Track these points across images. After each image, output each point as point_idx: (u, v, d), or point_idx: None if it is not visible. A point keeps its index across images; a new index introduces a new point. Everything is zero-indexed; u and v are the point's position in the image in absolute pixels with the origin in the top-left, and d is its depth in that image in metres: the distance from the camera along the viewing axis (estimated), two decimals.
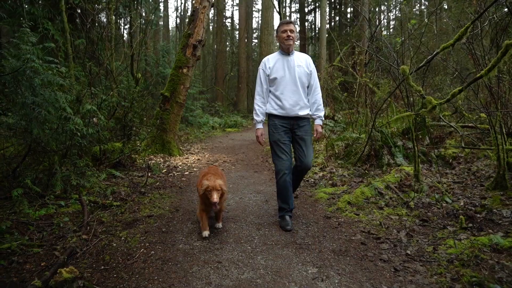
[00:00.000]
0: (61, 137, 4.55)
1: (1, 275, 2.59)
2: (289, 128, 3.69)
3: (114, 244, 3.15)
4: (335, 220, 3.81)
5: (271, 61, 3.74)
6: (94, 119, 5.02)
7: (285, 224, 3.58)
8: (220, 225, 3.55)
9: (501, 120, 5.08)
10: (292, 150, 3.81)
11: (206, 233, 3.27)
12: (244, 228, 3.58)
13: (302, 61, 3.74)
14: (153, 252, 2.99)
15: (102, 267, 2.74)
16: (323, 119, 3.79)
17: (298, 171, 3.78)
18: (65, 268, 2.61)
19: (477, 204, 3.95)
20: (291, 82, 3.65)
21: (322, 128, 3.87)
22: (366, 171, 5.91)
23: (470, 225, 3.40)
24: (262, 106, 3.77)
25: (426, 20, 7.11)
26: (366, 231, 3.43)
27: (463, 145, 6.43)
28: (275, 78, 3.67)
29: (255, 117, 3.78)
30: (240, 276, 2.58)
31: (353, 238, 3.30)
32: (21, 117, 4.11)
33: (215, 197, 3.08)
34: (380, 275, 2.60)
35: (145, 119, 7.63)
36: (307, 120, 3.80)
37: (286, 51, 3.72)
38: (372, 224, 3.61)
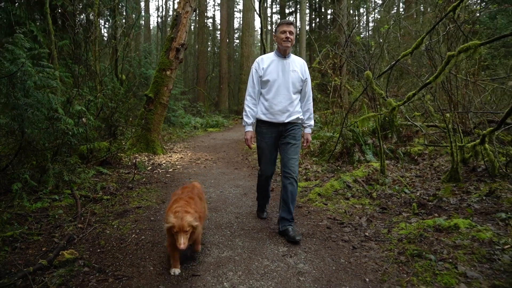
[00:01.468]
0: (51, 136, 4.85)
1: (7, 259, 2.93)
2: (277, 135, 3.56)
3: (108, 232, 3.51)
4: (305, 209, 4.26)
5: (265, 62, 3.55)
6: (83, 119, 5.34)
7: (261, 213, 4.01)
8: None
9: (457, 120, 5.65)
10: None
11: (175, 270, 2.68)
12: (224, 217, 4.00)
13: (297, 66, 3.56)
14: (143, 237, 3.38)
15: (99, 250, 3.11)
16: (313, 127, 3.72)
17: (285, 179, 3.45)
18: (66, 251, 2.98)
19: (431, 194, 4.47)
20: (284, 86, 3.48)
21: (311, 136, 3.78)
22: (338, 167, 6.39)
23: (422, 211, 3.90)
24: (253, 108, 3.57)
25: (391, 27, 7.66)
26: (332, 218, 3.90)
27: (427, 143, 7.01)
28: (267, 81, 3.49)
29: (245, 119, 3.57)
30: (220, 255, 3.01)
31: (320, 223, 3.76)
32: (13, 117, 4.39)
33: (182, 242, 2.43)
34: (340, 252, 3.06)
35: (130, 119, 7.93)
36: (296, 125, 3.60)
37: (282, 53, 3.54)
38: (338, 212, 4.08)
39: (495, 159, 4.77)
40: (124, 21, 12.40)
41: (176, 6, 32.41)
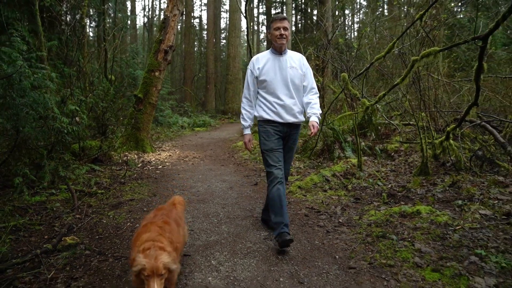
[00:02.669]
0: (45, 135, 5.11)
1: (12, 245, 3.21)
2: (281, 136, 3.39)
3: (104, 221, 3.82)
4: (286, 200, 4.63)
5: (261, 61, 3.39)
6: (76, 118, 5.61)
7: (284, 239, 3.00)
8: None
9: (427, 118, 6.09)
10: None
11: None
12: (212, 207, 4.34)
13: (295, 62, 3.41)
14: (137, 225, 3.69)
15: (97, 236, 3.42)
16: (319, 117, 3.41)
17: None
18: (68, 237, 3.29)
19: (401, 186, 4.89)
20: (283, 85, 3.32)
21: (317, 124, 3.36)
22: (320, 164, 6.79)
23: (391, 200, 4.31)
24: (249, 111, 3.45)
25: (367, 30, 8.11)
26: (310, 207, 4.28)
27: (404, 140, 7.46)
28: (264, 80, 3.33)
29: (242, 122, 3.47)
30: (208, 239, 3.35)
31: (299, 212, 4.13)
32: (9, 117, 4.64)
33: None
34: (315, 235, 3.44)
35: (121, 118, 8.20)
36: (299, 127, 3.53)
37: (278, 50, 3.38)
38: (315, 202, 4.46)
39: (459, 154, 5.22)
40: (110, 20, 12.63)
41: (162, 6, 32.49)
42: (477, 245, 2.81)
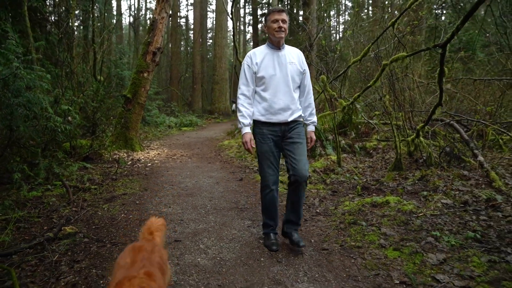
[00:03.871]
0: (39, 133, 5.35)
1: (14, 236, 3.48)
2: (279, 136, 3.16)
3: (100, 213, 4.10)
4: None
5: (259, 56, 3.15)
6: (69, 117, 5.85)
7: (270, 243, 3.18)
8: None
9: (403, 118, 6.52)
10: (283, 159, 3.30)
11: None
12: (199, 200, 4.66)
13: (294, 57, 3.19)
14: (131, 216, 4.00)
15: (94, 227, 3.71)
16: (316, 124, 3.40)
17: (293, 184, 3.13)
18: (67, 227, 3.56)
19: (375, 180, 5.29)
20: (283, 82, 3.10)
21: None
22: None
23: (365, 192, 4.70)
24: (249, 108, 3.15)
25: (347, 34, 8.52)
26: None
27: (382, 139, 7.89)
28: (262, 77, 3.10)
29: (241, 119, 3.12)
30: (196, 227, 3.68)
31: (280, 204, 4.46)
32: (4, 116, 4.87)
33: None
34: None
35: (111, 118, 8.44)
36: (299, 122, 3.24)
37: (276, 45, 3.14)
38: None
39: (430, 150, 5.65)
40: (99, 22, 12.79)
41: (148, 5, 32.50)
42: (434, 229, 3.21)
